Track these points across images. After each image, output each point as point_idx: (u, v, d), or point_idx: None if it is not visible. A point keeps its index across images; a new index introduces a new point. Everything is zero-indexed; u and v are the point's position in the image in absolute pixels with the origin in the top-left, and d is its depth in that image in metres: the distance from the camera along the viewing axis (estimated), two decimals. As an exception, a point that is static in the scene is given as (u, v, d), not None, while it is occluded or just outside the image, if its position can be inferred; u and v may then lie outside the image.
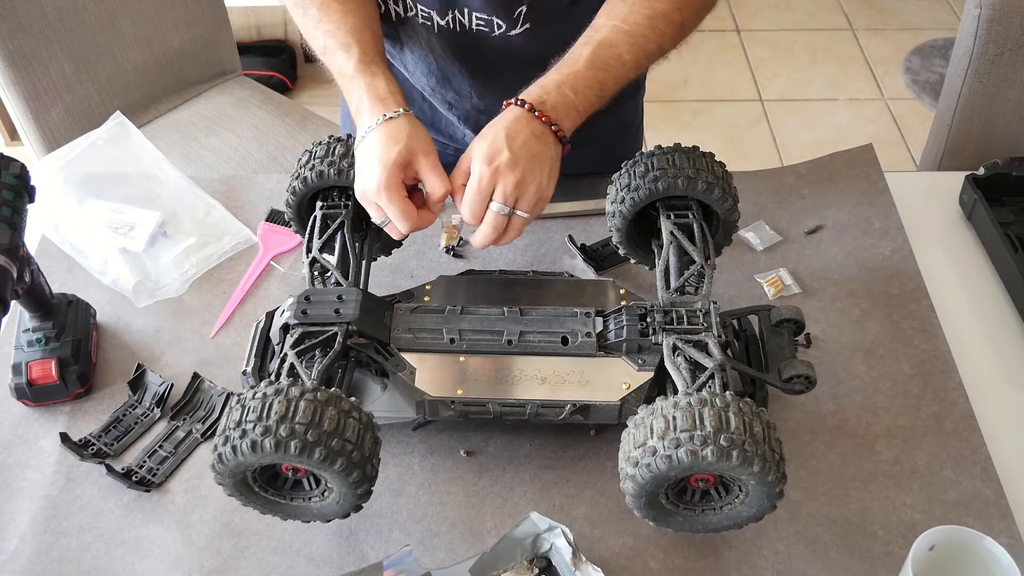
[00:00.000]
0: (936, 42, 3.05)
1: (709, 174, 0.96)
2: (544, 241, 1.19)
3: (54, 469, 0.97)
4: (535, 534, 0.86)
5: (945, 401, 1.01)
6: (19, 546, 0.91)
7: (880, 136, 2.74)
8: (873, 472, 0.95)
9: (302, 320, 0.90)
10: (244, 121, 1.79)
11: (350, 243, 0.98)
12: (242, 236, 1.19)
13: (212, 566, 0.89)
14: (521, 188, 0.88)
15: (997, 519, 0.91)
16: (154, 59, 1.74)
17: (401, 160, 0.88)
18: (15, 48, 1.53)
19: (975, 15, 1.34)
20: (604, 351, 0.91)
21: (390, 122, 0.89)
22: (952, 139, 1.46)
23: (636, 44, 0.94)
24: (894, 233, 1.18)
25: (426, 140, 0.91)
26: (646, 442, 0.77)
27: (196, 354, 1.07)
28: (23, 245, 0.92)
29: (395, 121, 0.90)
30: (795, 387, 0.91)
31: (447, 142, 1.31)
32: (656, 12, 0.95)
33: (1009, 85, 1.37)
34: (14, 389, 1.01)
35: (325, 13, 0.98)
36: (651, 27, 0.95)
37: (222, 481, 0.82)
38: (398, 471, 0.96)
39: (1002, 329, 1.10)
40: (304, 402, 0.77)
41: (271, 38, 2.85)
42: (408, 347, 0.92)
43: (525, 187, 0.88)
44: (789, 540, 0.90)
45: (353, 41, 0.95)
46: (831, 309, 1.10)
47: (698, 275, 0.94)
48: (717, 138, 2.75)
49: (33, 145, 1.66)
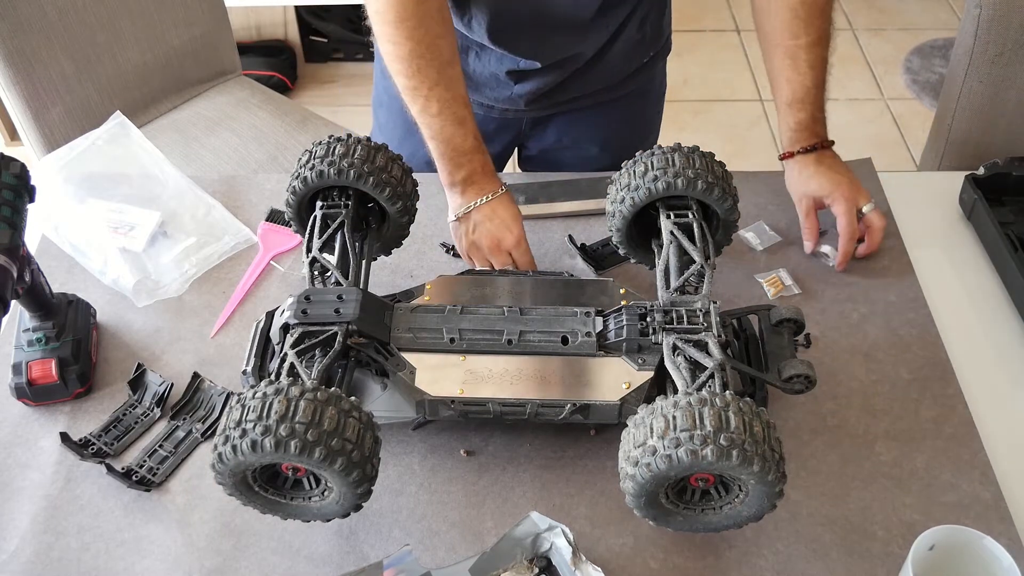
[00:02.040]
0: (936, 42, 3.05)
1: (709, 174, 0.96)
2: (544, 241, 1.19)
3: (54, 469, 0.97)
4: (535, 534, 0.86)
5: (944, 406, 1.01)
6: (19, 546, 0.91)
7: (880, 136, 2.74)
8: (873, 472, 0.95)
9: (302, 320, 0.90)
10: (244, 121, 1.79)
11: (350, 243, 0.98)
12: (242, 236, 1.19)
13: (212, 566, 0.89)
14: (859, 192, 1.15)
15: (996, 521, 0.91)
16: (154, 59, 1.74)
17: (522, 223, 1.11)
18: (15, 48, 1.53)
19: (975, 15, 1.34)
20: (604, 351, 0.91)
21: (507, 194, 1.11)
22: (952, 139, 1.46)
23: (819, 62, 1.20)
24: (893, 236, 1.18)
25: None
26: (646, 442, 0.77)
27: (196, 354, 1.07)
28: (23, 245, 0.92)
29: (509, 193, 1.12)
30: (795, 387, 0.91)
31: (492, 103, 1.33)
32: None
33: (1009, 85, 1.37)
34: (14, 389, 1.01)
35: (443, 77, 1.06)
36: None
37: (222, 481, 0.82)
38: (398, 471, 0.96)
39: (1002, 330, 1.10)
40: (304, 402, 0.77)
41: (271, 38, 2.85)
42: (408, 347, 0.92)
43: (855, 191, 1.14)
44: (789, 540, 0.90)
45: (468, 115, 1.09)
46: (831, 310, 1.10)
47: (698, 275, 0.94)
48: (717, 138, 2.75)
49: (33, 145, 1.66)
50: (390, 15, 1.03)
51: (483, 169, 1.10)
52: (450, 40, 1.07)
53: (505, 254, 1.09)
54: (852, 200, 1.13)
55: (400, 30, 1.04)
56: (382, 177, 0.99)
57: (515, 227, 1.09)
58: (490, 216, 1.09)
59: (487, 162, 1.11)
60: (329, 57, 2.92)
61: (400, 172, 1.02)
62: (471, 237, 1.10)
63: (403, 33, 1.04)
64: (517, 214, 1.10)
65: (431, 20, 1.05)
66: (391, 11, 1.03)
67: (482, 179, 1.10)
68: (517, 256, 1.10)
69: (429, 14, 1.04)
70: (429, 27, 1.04)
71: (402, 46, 1.05)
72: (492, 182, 1.10)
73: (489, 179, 1.11)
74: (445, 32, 1.06)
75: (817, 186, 1.14)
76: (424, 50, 1.05)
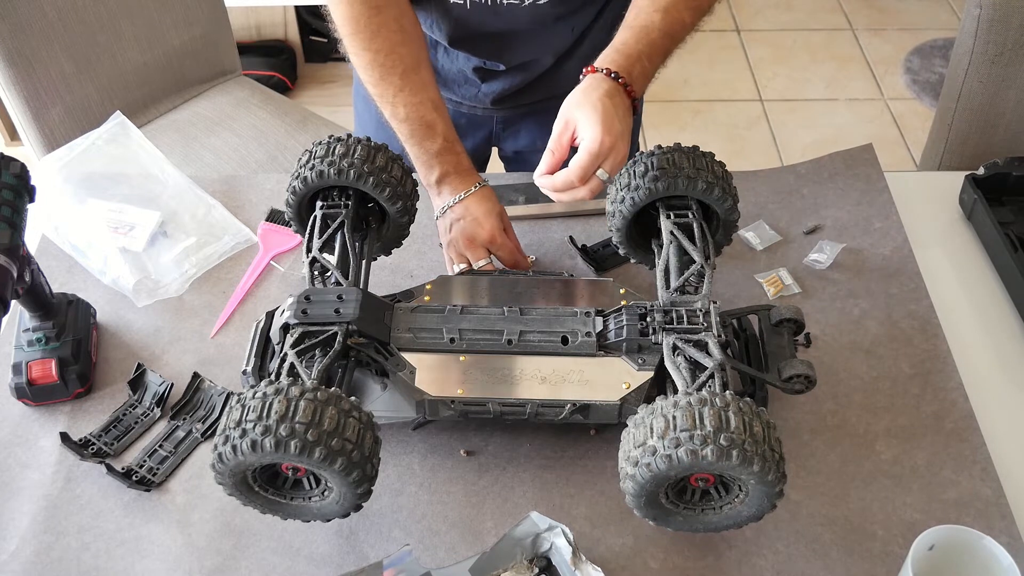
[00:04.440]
0: (936, 42, 3.05)
1: (709, 174, 0.96)
2: (544, 241, 1.19)
3: (54, 469, 0.97)
4: (535, 534, 0.86)
5: (945, 401, 1.01)
6: (19, 546, 0.91)
7: (880, 136, 2.73)
8: (873, 472, 0.95)
9: (302, 320, 0.90)
10: (244, 121, 1.79)
11: (350, 243, 0.98)
12: (242, 236, 1.19)
13: (212, 566, 0.89)
14: (624, 162, 0.96)
15: (997, 518, 0.91)
16: (154, 59, 1.74)
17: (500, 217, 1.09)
18: (15, 48, 1.53)
19: (975, 15, 1.34)
20: (604, 351, 0.91)
21: (482, 190, 1.09)
22: (952, 139, 1.46)
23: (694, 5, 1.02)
24: (894, 233, 1.18)
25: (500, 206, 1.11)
26: (646, 441, 0.77)
27: (196, 354, 1.07)
28: (23, 245, 0.92)
29: (485, 189, 1.10)
30: (795, 387, 0.91)
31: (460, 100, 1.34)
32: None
33: (1009, 85, 1.37)
34: (14, 389, 1.01)
35: (407, 83, 1.08)
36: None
37: (222, 480, 0.82)
38: (398, 471, 0.96)
39: (1002, 329, 1.10)
40: (304, 401, 0.77)
41: (271, 38, 2.85)
42: (408, 347, 0.92)
43: (624, 162, 0.96)
44: (789, 540, 0.90)
45: (438, 118, 1.09)
46: (831, 309, 1.10)
47: (698, 275, 0.94)
48: (717, 138, 2.75)
49: (33, 145, 1.66)
50: (347, 28, 1.07)
51: (456, 168, 1.10)
52: (413, 47, 1.09)
53: (481, 249, 1.08)
54: (605, 146, 0.92)
55: (357, 41, 1.07)
56: (382, 177, 0.99)
57: (487, 222, 1.08)
58: (463, 214, 1.09)
59: (460, 161, 1.11)
60: (329, 57, 2.92)
61: (400, 172, 1.02)
62: (449, 235, 1.10)
63: (360, 44, 1.07)
64: (492, 209, 1.09)
65: (387, 30, 1.07)
66: (347, 25, 1.07)
67: (456, 178, 1.10)
68: (495, 250, 1.08)
69: (385, 24, 1.06)
70: (387, 37, 1.07)
71: (362, 56, 1.08)
72: (467, 180, 1.10)
73: (464, 177, 1.10)
74: (405, 40, 1.08)
75: (587, 113, 0.93)
76: (383, 59, 1.07)
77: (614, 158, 0.93)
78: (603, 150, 0.92)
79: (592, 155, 0.92)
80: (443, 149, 1.09)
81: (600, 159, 0.93)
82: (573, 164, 0.93)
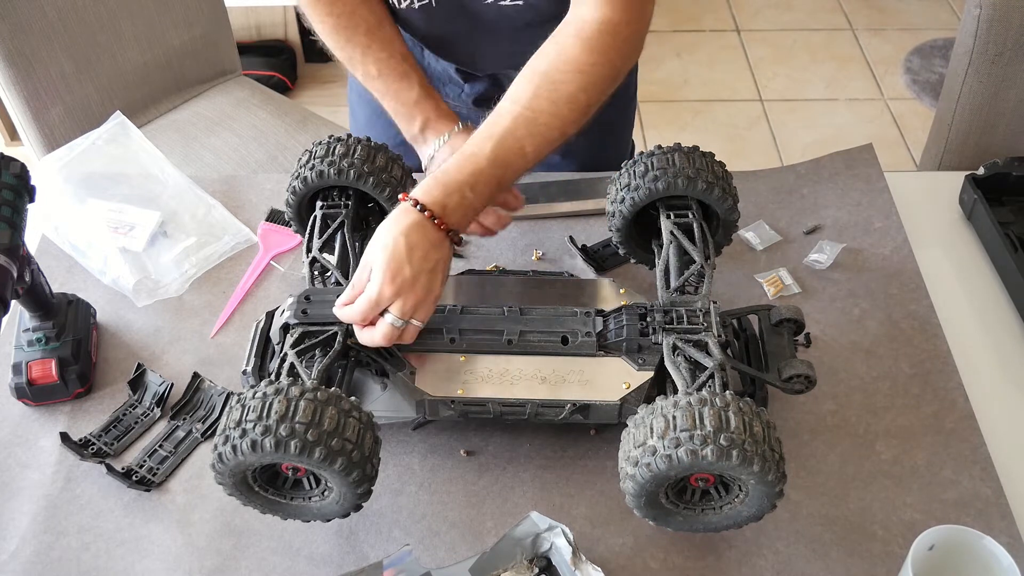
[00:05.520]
0: (936, 42, 3.05)
1: (709, 174, 0.97)
2: (544, 241, 1.19)
3: (54, 469, 0.97)
4: (535, 534, 0.86)
5: (945, 401, 1.01)
6: (19, 546, 0.91)
7: (880, 136, 2.73)
8: (873, 472, 0.95)
9: (302, 320, 0.90)
10: (244, 121, 1.79)
11: (350, 243, 0.98)
12: (242, 236, 1.19)
13: (212, 566, 0.89)
14: (419, 305, 0.87)
15: (997, 518, 0.91)
16: (154, 59, 1.74)
17: None
18: (15, 48, 1.53)
19: (975, 15, 1.34)
20: (604, 351, 0.91)
21: (463, 131, 1.10)
22: (952, 139, 1.46)
23: (539, 133, 0.93)
24: (894, 233, 1.18)
25: None
26: (646, 441, 0.77)
27: (196, 354, 1.07)
28: (23, 245, 0.92)
29: (467, 129, 1.10)
30: (795, 387, 0.91)
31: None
32: (560, 96, 0.93)
33: (1009, 85, 1.37)
34: (14, 389, 1.01)
35: (373, 40, 1.10)
36: (555, 113, 0.93)
37: (222, 481, 0.82)
38: (398, 471, 0.96)
39: (1002, 329, 1.10)
40: (304, 401, 0.77)
41: (271, 38, 2.85)
42: (408, 347, 0.92)
43: (422, 303, 0.87)
44: (789, 540, 0.90)
45: (410, 68, 1.11)
46: (831, 309, 1.10)
47: (698, 275, 0.94)
48: (717, 138, 2.75)
49: (33, 145, 1.66)
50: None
51: (436, 113, 1.11)
52: (373, 5, 1.11)
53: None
54: (385, 296, 0.86)
55: (318, 9, 1.10)
56: (382, 177, 0.99)
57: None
58: (450, 154, 1.00)
59: (439, 106, 1.12)
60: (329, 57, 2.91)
61: (400, 172, 1.02)
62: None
63: (322, 11, 1.10)
64: None
65: None
66: None
67: (437, 123, 1.11)
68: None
69: None
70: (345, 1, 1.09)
71: (324, 23, 1.11)
72: (447, 122, 1.11)
73: (444, 120, 1.11)
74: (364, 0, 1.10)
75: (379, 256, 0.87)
76: (346, 21, 1.10)
77: (401, 304, 0.86)
78: (382, 299, 0.86)
79: (371, 303, 0.86)
80: (421, 96, 1.11)
81: (380, 307, 0.86)
82: (355, 307, 0.88)
